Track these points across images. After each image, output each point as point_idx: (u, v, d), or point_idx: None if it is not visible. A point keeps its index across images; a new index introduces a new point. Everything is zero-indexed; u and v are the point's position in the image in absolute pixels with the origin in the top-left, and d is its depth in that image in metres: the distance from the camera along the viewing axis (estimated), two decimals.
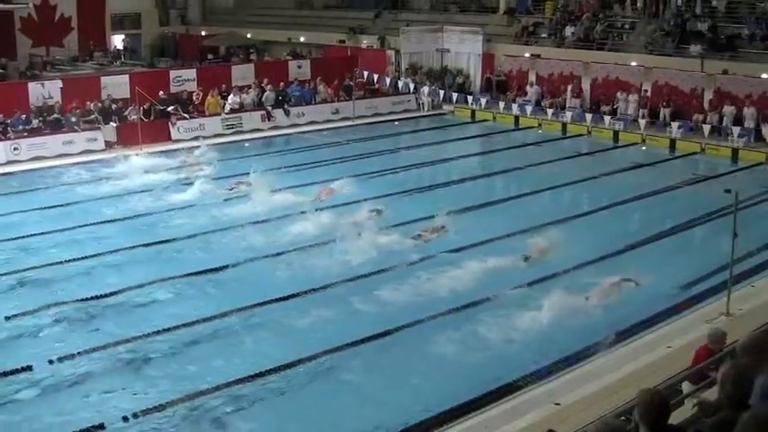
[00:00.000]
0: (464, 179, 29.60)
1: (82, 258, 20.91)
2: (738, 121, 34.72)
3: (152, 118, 34.87)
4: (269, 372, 15.01)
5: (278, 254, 21.32)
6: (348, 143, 35.08)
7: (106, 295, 18.49)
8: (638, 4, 43.80)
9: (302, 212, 24.11)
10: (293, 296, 18.51)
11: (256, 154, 33.51)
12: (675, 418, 10.57)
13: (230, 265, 20.60)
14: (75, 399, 14.34)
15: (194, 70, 40.17)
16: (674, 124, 35.56)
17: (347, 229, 22.21)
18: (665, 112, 36.89)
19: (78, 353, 15.59)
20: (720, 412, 7.08)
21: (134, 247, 21.85)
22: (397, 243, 21.76)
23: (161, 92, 35.97)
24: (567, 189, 28.47)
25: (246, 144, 35.92)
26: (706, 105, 36.21)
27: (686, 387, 12.22)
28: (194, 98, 37.00)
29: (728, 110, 35.31)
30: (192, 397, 14.14)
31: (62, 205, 25.93)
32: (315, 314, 17.47)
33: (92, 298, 18.26)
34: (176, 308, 18.16)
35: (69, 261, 20.67)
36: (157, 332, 16.61)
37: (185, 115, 35.69)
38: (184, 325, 16.95)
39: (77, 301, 18.14)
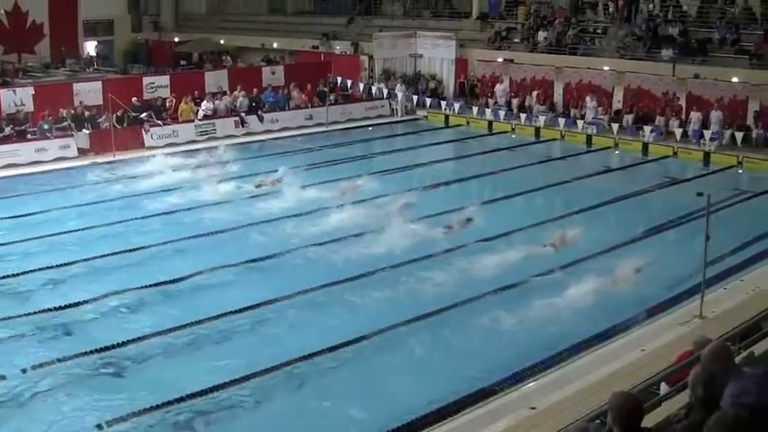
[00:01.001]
0: (438, 184, 29.59)
1: (158, 245, 22.58)
2: (705, 125, 34.97)
3: (125, 125, 34.69)
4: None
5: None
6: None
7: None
8: (610, 9, 44.05)
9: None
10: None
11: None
12: (652, 419, 10.66)
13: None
14: None
15: (167, 77, 40.03)
16: (647, 128, 35.75)
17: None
18: (627, 118, 37.15)
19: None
20: (692, 415, 7.13)
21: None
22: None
23: (134, 98, 35.81)
24: (540, 194, 28.50)
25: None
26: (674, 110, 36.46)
27: (664, 389, 12.29)
28: (167, 105, 36.90)
29: (695, 115, 35.62)
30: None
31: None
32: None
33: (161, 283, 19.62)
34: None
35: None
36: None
37: (158, 122, 35.55)
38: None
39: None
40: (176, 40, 58.45)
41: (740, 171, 32.26)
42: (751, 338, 14.04)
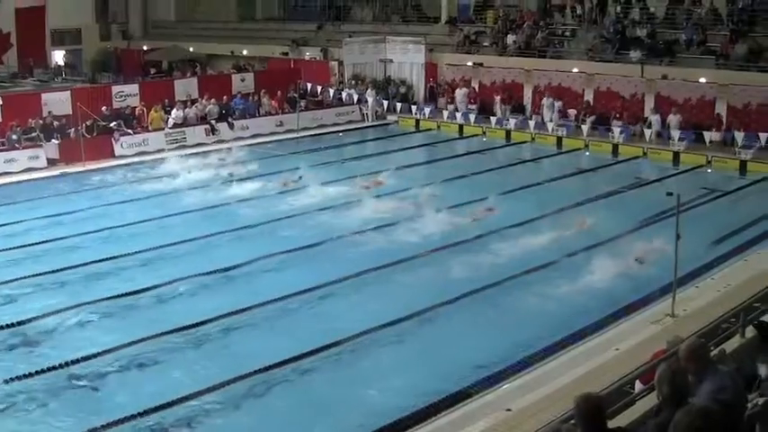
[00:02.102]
0: (410, 187, 29.59)
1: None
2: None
3: (95, 134, 34.52)
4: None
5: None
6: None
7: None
8: (578, 12, 44.29)
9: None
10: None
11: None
12: (627, 417, 10.75)
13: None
14: None
15: (137, 85, 39.83)
16: (616, 129, 35.97)
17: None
18: (589, 121, 37.43)
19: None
20: (662, 413, 7.20)
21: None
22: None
23: (103, 108, 35.62)
24: (511, 196, 28.55)
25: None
26: (647, 111, 36.72)
27: (638, 387, 12.39)
28: (137, 113, 36.74)
29: (654, 117, 35.93)
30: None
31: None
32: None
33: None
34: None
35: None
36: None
37: (128, 131, 35.38)
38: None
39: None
40: (145, 48, 58.26)
41: (709, 170, 32.48)
42: (722, 336, 14.17)
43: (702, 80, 35.80)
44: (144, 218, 25.81)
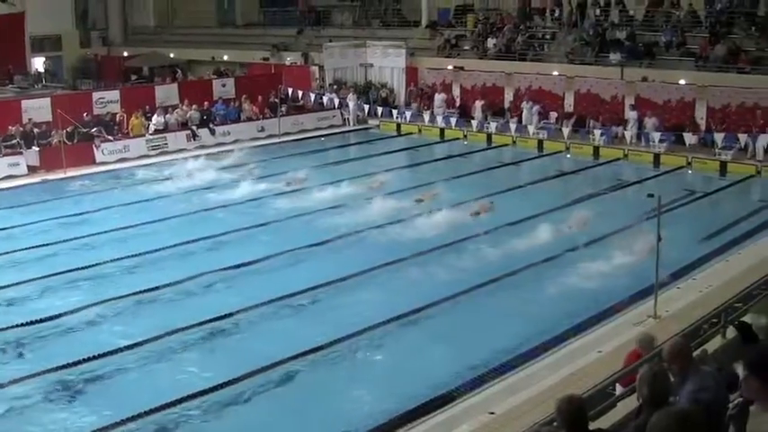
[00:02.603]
0: (393, 192, 29.60)
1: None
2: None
3: (75, 141, 34.42)
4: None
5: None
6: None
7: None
8: (558, 15, 44.43)
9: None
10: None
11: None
12: (609, 419, 10.80)
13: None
14: None
15: (117, 91, 39.75)
16: (597, 132, 36.09)
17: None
18: (570, 123, 37.56)
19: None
20: (642, 414, 7.25)
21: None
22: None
23: (84, 114, 35.52)
24: (494, 199, 28.57)
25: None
26: (627, 114, 36.86)
27: (619, 389, 12.44)
28: (118, 120, 36.63)
29: (631, 114, 36.27)
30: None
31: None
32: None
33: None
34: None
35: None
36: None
37: (109, 137, 35.29)
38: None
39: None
40: (125, 54, 58.10)
41: (690, 171, 32.62)
42: (704, 336, 14.25)
43: (682, 82, 35.97)
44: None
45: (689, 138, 33.74)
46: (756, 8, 38.40)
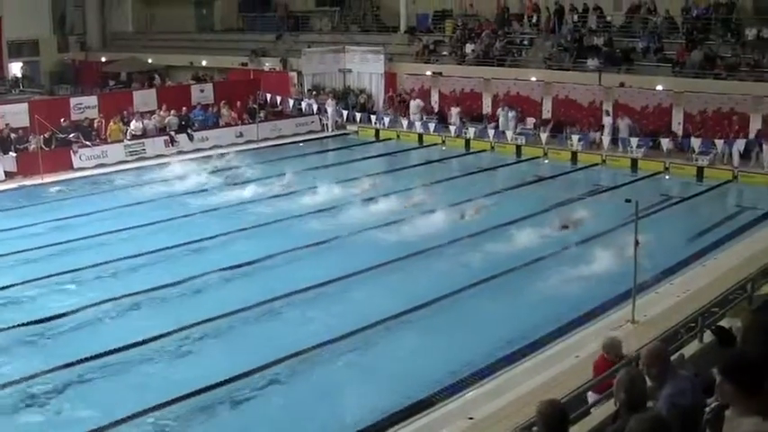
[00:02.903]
0: (375, 197, 29.62)
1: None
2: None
3: (53, 147, 34.25)
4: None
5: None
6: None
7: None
8: (536, 21, 44.59)
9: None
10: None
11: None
12: (586, 424, 10.84)
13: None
14: None
15: (95, 97, 39.57)
16: (575, 137, 36.22)
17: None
18: (547, 129, 37.71)
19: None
20: (619, 419, 7.29)
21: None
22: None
23: (62, 120, 35.37)
24: (473, 204, 28.62)
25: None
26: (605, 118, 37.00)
27: (591, 397, 12.51)
28: (96, 125, 36.49)
29: (607, 120, 36.41)
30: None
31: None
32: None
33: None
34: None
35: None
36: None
37: (87, 143, 35.15)
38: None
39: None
40: (104, 59, 57.87)
41: (667, 177, 32.78)
42: (681, 340, 14.34)
43: (659, 87, 36.17)
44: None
45: (666, 143, 33.93)
46: (732, 15, 38.64)
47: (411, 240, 23.86)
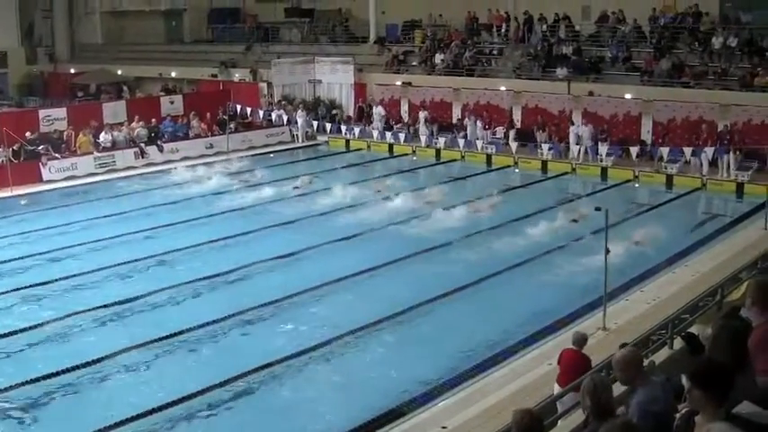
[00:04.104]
0: (343, 208, 29.61)
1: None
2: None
3: (21, 159, 34.03)
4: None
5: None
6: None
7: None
8: (503, 31, 44.80)
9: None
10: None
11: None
12: (559, 430, 10.87)
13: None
14: None
15: (64, 109, 39.37)
16: (545, 146, 36.36)
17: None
18: (512, 134, 37.95)
19: None
20: (588, 426, 7.31)
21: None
22: None
23: (29, 132, 35.09)
24: (446, 213, 28.66)
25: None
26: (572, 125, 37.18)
27: (556, 388, 12.70)
28: (65, 137, 36.27)
29: (572, 129, 36.61)
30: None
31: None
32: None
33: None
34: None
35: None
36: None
37: (56, 155, 34.93)
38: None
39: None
40: (72, 71, 57.59)
41: (636, 185, 32.97)
42: (652, 347, 14.42)
43: (628, 96, 36.43)
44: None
45: (635, 151, 34.14)
46: (699, 24, 39.00)
47: (384, 249, 23.92)
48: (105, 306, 19.87)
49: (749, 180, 31.16)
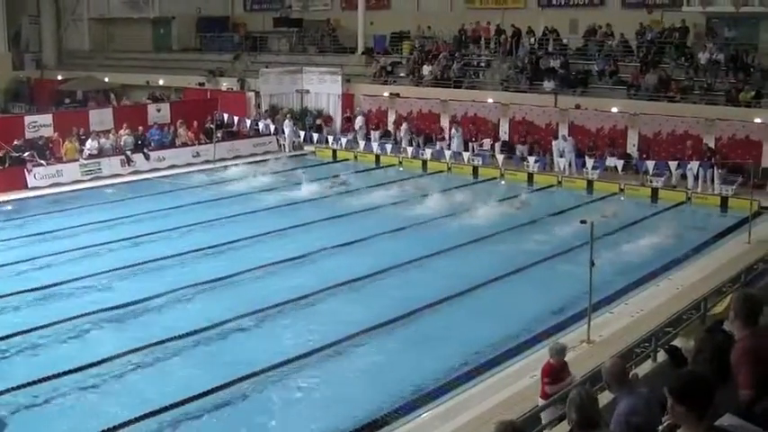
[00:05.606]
0: (329, 218, 29.60)
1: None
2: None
3: (7, 165, 33.93)
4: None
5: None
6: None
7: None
8: (492, 45, 44.91)
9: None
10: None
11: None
12: None
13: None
14: None
15: (50, 115, 39.28)
16: (531, 158, 36.43)
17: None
18: (497, 146, 38.02)
19: None
20: None
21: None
22: None
23: (16, 139, 35.01)
24: (427, 225, 28.68)
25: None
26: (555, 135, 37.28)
27: (540, 401, 12.73)
28: (51, 144, 36.16)
29: (554, 143, 36.71)
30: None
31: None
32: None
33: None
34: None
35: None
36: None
37: (42, 162, 34.80)
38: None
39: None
40: (59, 78, 57.34)
41: (622, 198, 33.05)
42: (635, 360, 14.46)
43: (614, 110, 36.56)
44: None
45: (620, 164, 34.25)
46: (686, 39, 39.21)
47: (360, 263, 23.90)
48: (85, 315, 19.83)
49: (733, 194, 31.29)
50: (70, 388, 16.12)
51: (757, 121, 33.19)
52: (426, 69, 44.21)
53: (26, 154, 34.61)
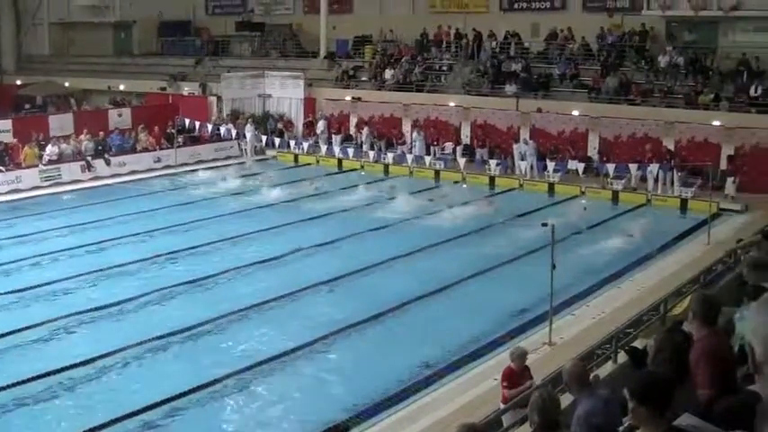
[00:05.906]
0: (296, 221, 29.54)
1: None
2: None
3: None
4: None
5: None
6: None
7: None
8: (453, 49, 45.02)
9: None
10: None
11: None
12: None
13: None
14: None
15: (9, 121, 38.99)
16: (492, 162, 36.51)
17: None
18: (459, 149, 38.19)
19: None
20: None
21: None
22: None
23: None
24: (388, 230, 28.69)
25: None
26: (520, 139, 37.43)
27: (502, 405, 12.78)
28: (10, 150, 35.79)
29: (515, 147, 36.88)
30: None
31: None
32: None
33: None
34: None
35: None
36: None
37: (1, 168, 34.47)
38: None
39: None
40: (18, 82, 56.82)
41: (583, 201, 33.18)
42: (596, 361, 14.53)
43: (575, 113, 36.76)
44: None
45: (581, 167, 34.43)
46: (646, 42, 39.53)
47: (327, 269, 23.88)
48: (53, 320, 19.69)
49: (692, 196, 31.53)
50: (41, 391, 16.06)
51: (716, 123, 33.48)
52: (388, 73, 44.26)
53: None
